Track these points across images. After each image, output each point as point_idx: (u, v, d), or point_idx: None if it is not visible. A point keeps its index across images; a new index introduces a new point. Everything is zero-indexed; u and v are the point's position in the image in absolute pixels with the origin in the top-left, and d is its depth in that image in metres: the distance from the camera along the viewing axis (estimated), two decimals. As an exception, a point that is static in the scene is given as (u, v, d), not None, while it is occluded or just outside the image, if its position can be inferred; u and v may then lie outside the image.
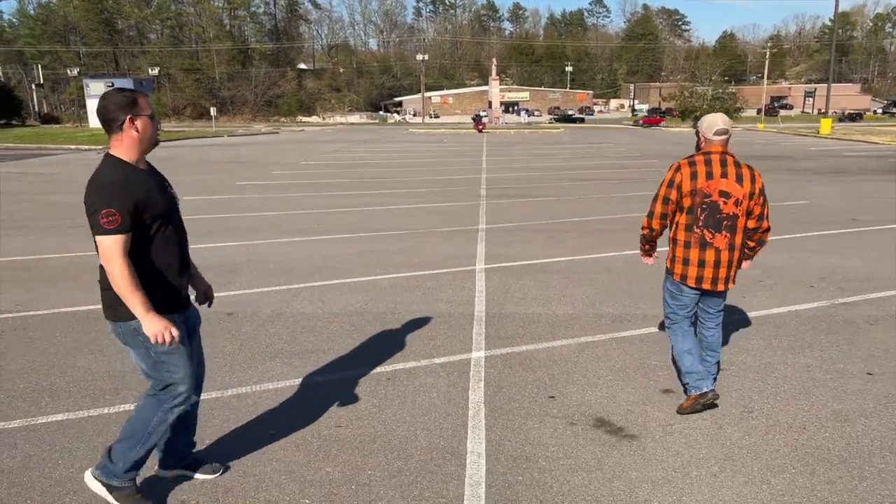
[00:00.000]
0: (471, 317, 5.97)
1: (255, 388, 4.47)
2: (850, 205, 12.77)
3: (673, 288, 4.12)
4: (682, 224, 3.96)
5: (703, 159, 3.94)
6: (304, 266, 7.91)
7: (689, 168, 3.92)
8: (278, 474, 3.42)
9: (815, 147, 31.58)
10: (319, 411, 4.12)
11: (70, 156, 26.75)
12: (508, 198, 13.95)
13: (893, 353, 5.05)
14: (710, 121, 4.02)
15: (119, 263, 2.83)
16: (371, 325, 5.75)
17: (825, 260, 8.13)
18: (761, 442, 3.72)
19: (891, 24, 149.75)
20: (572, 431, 3.86)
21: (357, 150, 30.22)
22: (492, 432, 3.84)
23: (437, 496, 3.22)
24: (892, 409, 4.12)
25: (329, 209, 12.46)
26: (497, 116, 66.55)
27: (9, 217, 11.68)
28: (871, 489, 3.27)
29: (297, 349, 5.18)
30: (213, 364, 4.74)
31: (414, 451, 3.64)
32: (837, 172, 19.44)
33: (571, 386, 4.48)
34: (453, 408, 4.16)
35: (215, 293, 3.64)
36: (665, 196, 3.96)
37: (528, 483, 3.33)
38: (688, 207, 3.91)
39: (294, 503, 3.18)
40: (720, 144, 3.98)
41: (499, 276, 7.42)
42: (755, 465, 3.49)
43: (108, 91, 3.02)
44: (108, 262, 2.85)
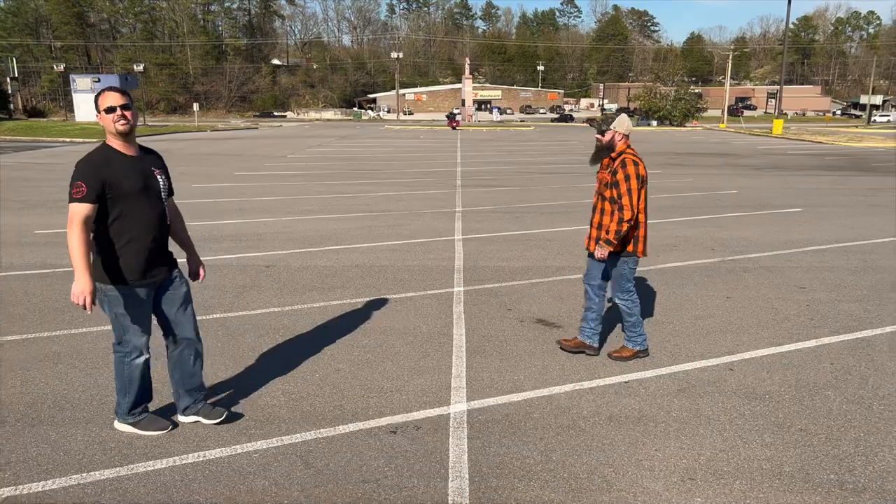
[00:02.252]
0: (452, 268, 7.97)
1: (301, 307, 6.42)
2: (770, 194, 15.02)
3: (635, 266, 4.90)
4: (642, 208, 4.71)
5: (636, 151, 4.80)
6: (315, 236, 9.84)
7: (641, 161, 4.70)
8: (325, 353, 5.38)
9: (763, 146, 34.11)
10: (350, 319, 6.08)
11: (68, 148, 28.27)
12: (481, 187, 15.98)
13: (753, 287, 7.16)
14: (628, 121, 4.75)
15: (74, 228, 3.33)
16: (377, 273, 7.72)
17: (729, 233, 10.28)
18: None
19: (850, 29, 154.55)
20: (521, 324, 5.89)
21: (339, 145, 32.04)
22: (469, 325, 5.85)
23: (437, 351, 5.20)
24: (737, 314, 6.20)
25: (325, 195, 14.37)
26: (470, 114, 68.58)
27: (48, 198, 13.40)
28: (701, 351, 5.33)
29: (326, 286, 7.13)
30: (266, 295, 6.71)
31: (417, 334, 5.63)
32: (773, 168, 21.79)
33: (523, 304, 6.51)
34: (443, 315, 6.16)
35: (248, 254, 5.13)
36: (639, 188, 4.61)
37: (492, 347, 5.33)
38: (645, 194, 4.72)
39: (333, 367, 5.13)
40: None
41: (473, 243, 9.43)
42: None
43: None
44: (68, 225, 3.35)
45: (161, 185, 3.67)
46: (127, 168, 3.50)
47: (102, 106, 3.47)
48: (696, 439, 3.84)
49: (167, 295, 3.73)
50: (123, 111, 3.48)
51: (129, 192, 3.46)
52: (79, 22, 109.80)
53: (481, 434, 3.88)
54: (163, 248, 3.71)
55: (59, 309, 6.22)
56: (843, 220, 11.49)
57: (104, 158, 3.48)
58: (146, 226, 3.55)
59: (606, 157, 4.77)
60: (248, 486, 3.32)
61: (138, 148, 3.65)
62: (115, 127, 3.47)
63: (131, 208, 3.49)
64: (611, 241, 4.66)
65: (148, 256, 3.57)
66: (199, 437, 3.83)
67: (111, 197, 3.42)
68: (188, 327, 3.81)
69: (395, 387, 4.54)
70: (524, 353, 5.21)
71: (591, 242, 4.90)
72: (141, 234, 3.54)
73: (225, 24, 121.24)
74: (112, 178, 3.42)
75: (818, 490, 3.33)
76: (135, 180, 3.50)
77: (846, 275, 7.72)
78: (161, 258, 3.68)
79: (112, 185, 3.42)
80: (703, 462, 3.60)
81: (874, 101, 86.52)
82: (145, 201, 3.54)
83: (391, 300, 6.61)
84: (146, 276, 3.58)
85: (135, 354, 3.69)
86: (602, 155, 4.78)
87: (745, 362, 5.00)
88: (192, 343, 3.84)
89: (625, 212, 4.59)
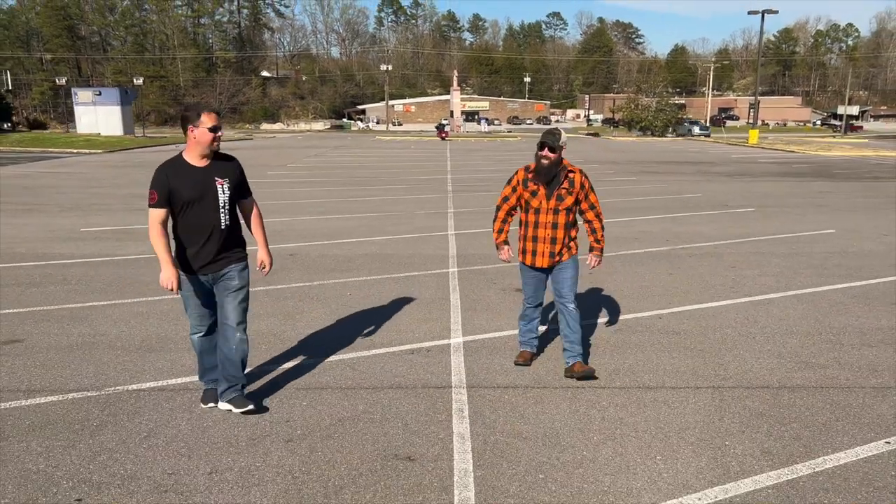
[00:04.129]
0: (447, 256, 9.54)
1: (326, 282, 7.96)
2: (730, 197, 16.72)
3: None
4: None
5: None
6: (327, 232, 11.39)
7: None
8: (351, 309, 6.92)
9: (737, 155, 35.97)
10: (367, 290, 7.63)
11: (79, 158, 29.74)
12: (469, 192, 17.60)
13: (693, 267, 8.77)
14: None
15: (152, 229, 3.96)
16: (385, 259, 9.28)
17: (685, 228, 11.92)
18: (591, 294, 7.37)
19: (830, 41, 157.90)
20: (503, 292, 7.46)
21: (334, 155, 33.61)
22: (462, 293, 7.41)
23: (439, 309, 6.75)
24: (674, 284, 7.80)
25: (329, 199, 15.92)
26: (458, 125, 70.34)
27: (79, 202, 14.87)
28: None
29: (343, 268, 8.67)
30: (296, 275, 8.27)
31: (422, 299, 7.17)
32: (742, 174, 23.54)
33: (505, 279, 8.08)
34: (441, 287, 7.71)
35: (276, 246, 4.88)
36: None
37: (481, 306, 6.88)
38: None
39: (360, 317, 6.67)
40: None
41: (464, 237, 11.00)
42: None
43: (188, 103, 5.43)
44: (149, 227, 3.99)
45: (221, 194, 4.05)
46: (191, 179, 3.97)
47: (207, 124, 3.89)
48: (624, 356, 5.42)
49: (220, 284, 4.17)
50: (218, 132, 4.00)
51: (187, 201, 3.97)
52: (70, 35, 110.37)
53: (473, 354, 5.45)
54: (217, 247, 4.10)
55: (129, 284, 7.73)
56: (787, 218, 13.16)
57: (174, 169, 3.99)
58: (200, 229, 4.04)
59: (556, 172, 4.79)
60: (315, 380, 4.86)
61: (212, 157, 4.07)
62: (212, 146, 3.97)
63: (189, 214, 4.01)
64: (602, 248, 5.06)
65: (201, 254, 4.06)
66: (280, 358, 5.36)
67: (174, 203, 3.97)
68: (232, 316, 4.17)
69: (409, 328, 6.10)
70: (504, 309, 6.78)
71: (545, 258, 4.92)
72: (195, 236, 4.05)
73: (215, 37, 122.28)
74: (176, 188, 3.94)
75: (703, 383, 4.89)
76: (194, 191, 3.97)
77: (773, 258, 9.36)
78: (216, 255, 4.09)
79: (175, 194, 3.95)
80: (627, 367, 5.18)
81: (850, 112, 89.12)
82: (200, 209, 4.01)
83: (399, 277, 8.17)
84: (200, 270, 4.09)
85: (193, 330, 4.32)
86: (552, 171, 4.77)
87: (671, 314, 6.60)
88: (233, 330, 4.17)
89: (602, 217, 5.04)
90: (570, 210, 4.87)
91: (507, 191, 5.03)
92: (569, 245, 4.94)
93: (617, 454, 3.81)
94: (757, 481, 3.49)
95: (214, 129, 3.94)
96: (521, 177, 4.95)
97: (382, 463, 3.68)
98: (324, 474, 3.57)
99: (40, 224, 12.06)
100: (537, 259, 4.95)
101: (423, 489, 3.42)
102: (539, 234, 4.90)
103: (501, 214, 5.09)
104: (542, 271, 5.02)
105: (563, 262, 4.94)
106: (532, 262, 4.99)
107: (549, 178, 4.79)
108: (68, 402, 4.48)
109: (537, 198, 4.87)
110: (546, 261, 4.92)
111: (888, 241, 10.72)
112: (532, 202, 4.89)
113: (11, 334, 5.89)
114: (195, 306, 4.22)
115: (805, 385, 4.81)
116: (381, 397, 4.57)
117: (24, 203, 14.87)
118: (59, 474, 3.55)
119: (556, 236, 4.87)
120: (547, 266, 4.94)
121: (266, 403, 4.45)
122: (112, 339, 5.79)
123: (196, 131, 3.93)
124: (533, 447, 3.87)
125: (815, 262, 9.06)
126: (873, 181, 21.35)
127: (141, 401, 4.49)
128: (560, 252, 4.91)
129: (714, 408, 4.43)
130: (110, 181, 20.20)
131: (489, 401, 4.53)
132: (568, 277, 4.93)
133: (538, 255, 4.94)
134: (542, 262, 4.94)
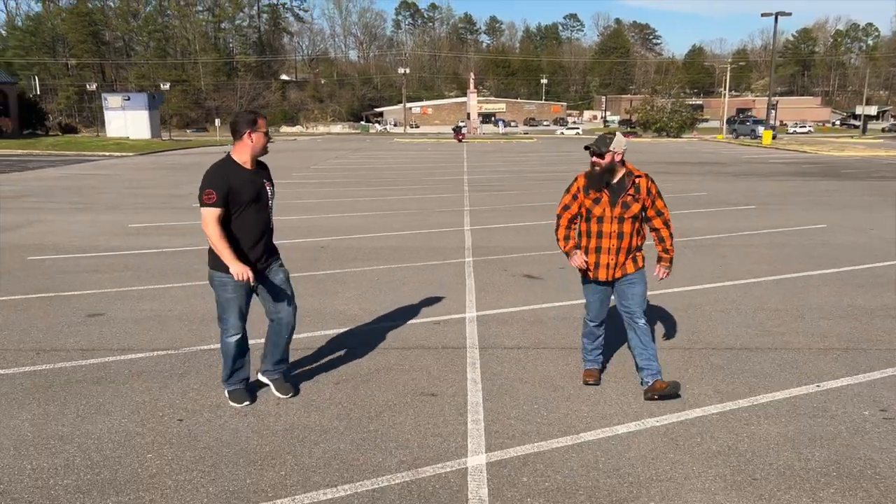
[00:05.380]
0: (463, 247, 10.51)
1: (355, 270, 8.96)
2: (734, 195, 17.54)
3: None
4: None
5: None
6: (353, 227, 12.41)
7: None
8: (379, 290, 7.92)
9: (748, 155, 36.63)
10: (392, 276, 8.63)
11: (111, 161, 31.20)
12: (485, 191, 18.57)
13: (687, 257, 9.65)
14: (623, 140, 4.56)
15: (210, 228, 4.05)
16: (407, 251, 10.27)
17: (686, 223, 12.80)
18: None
19: (850, 40, 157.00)
20: (513, 278, 8.43)
21: (355, 157, 34.75)
22: (477, 278, 8.37)
23: (455, 290, 7.71)
24: (665, 272, 8.70)
25: (353, 199, 16.97)
26: (475, 127, 71.36)
27: (121, 202, 16.04)
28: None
29: (369, 258, 9.67)
30: (328, 263, 9.29)
31: (441, 283, 8.14)
32: (749, 174, 24.30)
33: (515, 267, 9.04)
34: (458, 273, 8.69)
35: (308, 239, 5.81)
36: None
37: (493, 288, 7.84)
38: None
39: (386, 296, 7.65)
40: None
41: (479, 232, 11.96)
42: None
43: (241, 110, 5.29)
44: (204, 226, 4.06)
45: (269, 196, 4.36)
46: (245, 180, 4.18)
47: (263, 129, 4.20)
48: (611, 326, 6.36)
49: (267, 281, 4.43)
50: (270, 138, 4.35)
51: (244, 201, 4.17)
52: (94, 40, 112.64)
53: (484, 324, 6.42)
54: (266, 246, 4.39)
55: (183, 271, 8.79)
56: (785, 214, 14.00)
57: (231, 170, 4.17)
58: (252, 228, 4.25)
59: (609, 179, 4.51)
60: (353, 342, 5.85)
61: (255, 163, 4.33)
62: (265, 148, 4.28)
63: (244, 214, 4.18)
64: (672, 257, 4.74)
65: (253, 253, 4.27)
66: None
67: (232, 203, 4.12)
68: (282, 304, 4.48)
69: (430, 305, 7.08)
70: (513, 291, 7.75)
71: (611, 270, 4.62)
72: (248, 236, 4.24)
73: (236, 42, 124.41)
74: (236, 188, 4.12)
75: (676, 345, 5.82)
76: (250, 191, 4.19)
77: (762, 249, 10.24)
78: (264, 253, 4.36)
79: (234, 194, 4.12)
80: (613, 334, 6.12)
81: (869, 112, 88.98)
82: (255, 209, 4.24)
83: (420, 266, 9.16)
84: (248, 264, 4.20)
85: (231, 332, 4.37)
86: (604, 178, 4.50)
87: (659, 294, 7.51)
88: (283, 318, 4.50)
89: (671, 225, 4.69)
90: (637, 218, 4.54)
91: (567, 199, 4.65)
92: (635, 256, 4.62)
93: (597, 392, 4.77)
94: (706, 410, 4.43)
95: (267, 134, 4.30)
96: (581, 183, 4.60)
97: (412, 397, 4.67)
98: (367, 404, 4.57)
99: (91, 221, 13.20)
100: (601, 272, 4.62)
101: (444, 414, 4.41)
102: (603, 244, 4.57)
103: (563, 222, 4.68)
104: (607, 285, 4.69)
105: (629, 276, 4.60)
106: (595, 275, 4.64)
107: (600, 185, 4.50)
108: (154, 357, 5.51)
109: (600, 205, 4.53)
110: (611, 273, 4.60)
111: (873, 234, 11.55)
112: (594, 210, 4.54)
113: (94, 309, 6.96)
114: (237, 308, 4.34)
115: (762, 347, 5.73)
116: (408, 354, 5.56)
117: (73, 202, 16.05)
118: (160, 405, 4.57)
119: (622, 246, 4.54)
120: (611, 279, 4.62)
121: (314, 360, 5.45)
122: (178, 313, 6.83)
123: (254, 135, 4.19)
124: (530, 387, 4.84)
125: (800, 252, 9.93)
126: (879, 180, 22.03)
127: (212, 357, 5.50)
128: (625, 264, 4.59)
129: (682, 362, 5.37)
130: (146, 183, 21.41)
131: (497, 357, 5.50)
132: (637, 294, 4.61)
133: (601, 268, 4.61)
134: (606, 274, 4.61)
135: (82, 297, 7.46)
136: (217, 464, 3.76)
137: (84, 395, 4.72)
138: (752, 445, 3.95)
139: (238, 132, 4.18)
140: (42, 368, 5.24)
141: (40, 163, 29.13)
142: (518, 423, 4.27)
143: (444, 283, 8.10)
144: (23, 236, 11.39)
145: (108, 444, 3.99)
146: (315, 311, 6.86)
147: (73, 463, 3.77)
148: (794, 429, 4.16)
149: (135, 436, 4.10)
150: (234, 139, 4.23)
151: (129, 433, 4.14)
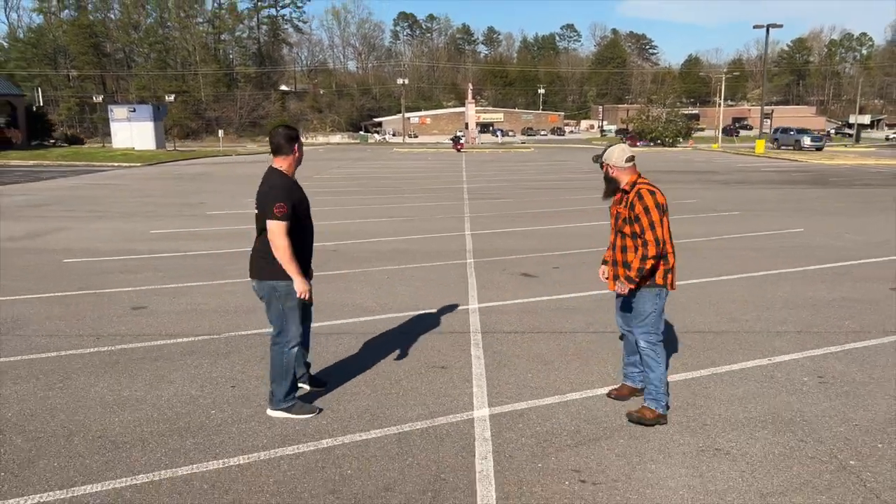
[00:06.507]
0: (464, 250, 11.37)
1: (366, 269, 9.82)
2: (722, 202, 18.44)
3: (662, 302, 4.46)
4: (667, 238, 4.37)
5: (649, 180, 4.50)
6: (361, 232, 13.28)
7: (657, 189, 4.40)
8: (392, 283, 8.76)
9: (742, 164, 37.56)
10: (399, 274, 9.48)
11: (120, 171, 32.08)
12: (484, 199, 19.46)
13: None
14: (619, 151, 4.42)
15: (283, 240, 4.10)
16: (412, 253, 11.12)
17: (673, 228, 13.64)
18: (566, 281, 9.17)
19: (844, 50, 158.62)
20: (511, 276, 9.29)
21: (356, 167, 35.67)
22: (477, 277, 9.23)
23: (458, 287, 8.56)
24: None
25: (358, 206, 17.85)
26: (473, 137, 72.32)
27: (137, 210, 16.90)
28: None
29: (377, 259, 10.53)
30: (339, 263, 10.16)
31: (444, 281, 9.00)
32: (740, 182, 25.20)
33: (513, 267, 9.90)
34: (460, 272, 9.54)
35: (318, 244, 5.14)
36: (661, 217, 4.28)
37: (493, 285, 8.69)
38: (668, 223, 4.38)
39: (395, 290, 8.49)
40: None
41: (479, 236, 12.84)
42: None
43: (280, 126, 4.29)
44: (275, 238, 4.08)
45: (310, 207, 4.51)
46: (303, 194, 4.39)
47: (301, 142, 4.40)
48: (594, 315, 7.22)
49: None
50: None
51: (303, 212, 4.35)
52: (95, 52, 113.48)
53: (485, 314, 7.28)
54: (310, 254, 4.57)
55: (210, 272, 9.63)
56: (766, 220, 14.88)
57: (293, 184, 4.32)
58: (307, 236, 4.45)
59: (616, 190, 4.48)
60: (370, 328, 6.70)
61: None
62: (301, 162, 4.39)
63: (302, 223, 4.35)
64: (631, 278, 4.34)
65: (306, 260, 4.43)
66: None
67: (296, 215, 4.24)
68: (309, 310, 4.80)
69: (435, 299, 7.94)
70: (511, 287, 8.61)
71: (610, 282, 4.64)
72: (305, 244, 4.43)
73: (236, 53, 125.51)
74: (298, 200, 4.28)
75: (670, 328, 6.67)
76: (307, 203, 4.41)
77: (739, 251, 11.11)
78: (310, 261, 4.55)
79: (298, 206, 4.26)
80: (598, 322, 6.97)
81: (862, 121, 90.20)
82: (308, 220, 4.43)
83: (424, 266, 10.02)
84: (306, 275, 4.37)
85: (293, 343, 4.41)
86: (611, 188, 4.49)
87: (642, 289, 8.37)
88: (309, 323, 4.85)
89: (649, 247, 4.24)
90: (634, 234, 4.37)
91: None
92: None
93: (583, 365, 5.63)
94: (672, 378, 5.28)
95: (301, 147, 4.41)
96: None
97: (425, 369, 5.53)
98: (385, 373, 5.43)
99: (112, 228, 14.05)
100: (609, 282, 4.65)
101: (453, 381, 5.27)
102: (608, 254, 4.68)
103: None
104: (618, 296, 4.61)
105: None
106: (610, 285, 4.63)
107: (607, 196, 4.55)
108: (200, 341, 6.36)
109: (611, 216, 4.64)
110: (612, 284, 4.58)
111: (847, 238, 12.43)
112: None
113: (136, 303, 7.81)
114: (298, 317, 4.41)
115: (727, 331, 6.60)
116: (420, 337, 6.43)
117: (91, 211, 16.92)
118: (213, 375, 5.42)
119: (617, 259, 4.53)
120: (615, 291, 4.55)
121: (338, 342, 6.30)
122: (213, 307, 7.68)
123: (299, 150, 4.34)
124: (526, 362, 5.70)
125: (774, 253, 10.81)
126: (863, 188, 22.95)
127: (250, 340, 6.35)
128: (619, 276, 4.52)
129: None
130: (158, 192, 22.30)
131: (497, 339, 6.36)
132: (627, 304, 4.54)
133: (609, 279, 4.66)
134: (610, 285, 4.63)
135: (123, 293, 8.31)
136: (270, 416, 4.60)
137: (147, 368, 5.58)
138: (706, 402, 4.81)
139: (286, 146, 4.26)
140: (105, 349, 6.09)
141: (52, 173, 30.02)
142: (515, 388, 5.12)
143: (449, 281, 8.95)
144: (51, 241, 12.25)
145: (177, 403, 4.85)
146: (336, 304, 7.71)
147: (152, 416, 4.63)
148: (743, 390, 5.02)
149: (197, 398, 4.96)
150: (277, 154, 4.27)
151: (192, 396, 4.99)
